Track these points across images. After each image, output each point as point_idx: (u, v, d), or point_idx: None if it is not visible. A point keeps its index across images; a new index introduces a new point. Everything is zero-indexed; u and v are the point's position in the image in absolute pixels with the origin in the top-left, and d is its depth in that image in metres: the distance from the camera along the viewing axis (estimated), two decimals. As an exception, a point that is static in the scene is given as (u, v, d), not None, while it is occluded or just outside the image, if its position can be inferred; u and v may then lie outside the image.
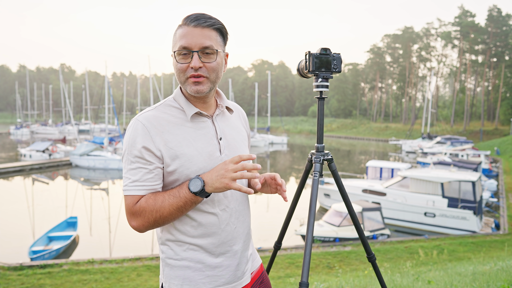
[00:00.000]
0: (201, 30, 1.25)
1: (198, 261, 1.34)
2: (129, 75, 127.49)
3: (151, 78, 39.41)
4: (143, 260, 9.63)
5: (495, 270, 4.69)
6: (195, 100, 1.35)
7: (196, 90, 1.28)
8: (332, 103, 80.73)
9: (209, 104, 1.39)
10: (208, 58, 1.27)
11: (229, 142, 1.39)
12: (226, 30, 1.33)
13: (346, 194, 1.72)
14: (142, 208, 1.25)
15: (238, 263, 1.40)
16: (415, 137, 53.96)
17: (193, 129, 1.33)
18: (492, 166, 28.10)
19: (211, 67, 1.28)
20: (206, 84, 1.29)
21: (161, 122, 1.30)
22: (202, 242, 1.33)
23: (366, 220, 12.41)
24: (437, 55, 71.07)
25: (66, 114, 72.58)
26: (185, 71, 1.28)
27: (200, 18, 1.27)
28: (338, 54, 1.60)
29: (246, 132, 1.55)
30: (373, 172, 19.38)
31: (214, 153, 1.33)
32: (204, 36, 1.25)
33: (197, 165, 1.29)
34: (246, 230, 1.45)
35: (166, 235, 1.37)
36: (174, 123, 1.31)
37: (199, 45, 1.25)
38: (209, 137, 1.34)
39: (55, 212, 15.53)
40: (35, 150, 29.31)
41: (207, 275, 1.35)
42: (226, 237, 1.36)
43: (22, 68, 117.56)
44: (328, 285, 4.58)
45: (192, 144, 1.30)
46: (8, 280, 8.19)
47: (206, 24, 1.26)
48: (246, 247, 1.45)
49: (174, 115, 1.33)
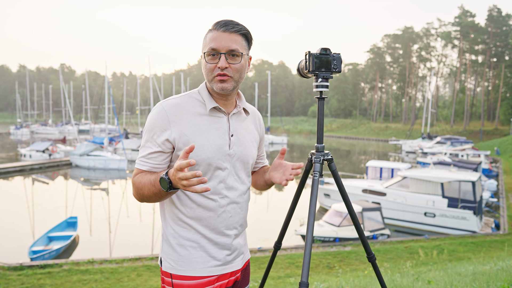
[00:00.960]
0: (229, 34, 1.40)
1: (194, 240, 1.48)
2: (129, 75, 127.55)
3: (151, 78, 39.44)
4: (143, 260, 9.63)
5: (495, 270, 4.69)
6: (217, 97, 1.49)
7: (221, 87, 1.42)
8: (332, 103, 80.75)
9: (230, 103, 1.53)
10: (234, 60, 1.42)
11: (239, 139, 1.53)
12: (251, 35, 1.48)
13: (346, 194, 1.72)
14: (134, 182, 1.45)
15: (230, 248, 1.52)
16: (415, 137, 53.98)
17: (208, 122, 1.47)
18: (492, 166, 28.11)
19: (235, 68, 1.43)
20: (230, 83, 1.43)
21: (181, 110, 1.45)
22: (198, 224, 1.47)
23: (366, 220, 12.42)
24: (437, 55, 71.12)
25: (66, 114, 72.62)
26: (213, 70, 1.42)
27: (229, 24, 1.41)
28: (338, 54, 1.60)
29: (259, 135, 1.68)
30: (373, 172, 19.39)
31: (223, 147, 1.47)
32: (231, 40, 1.40)
33: (205, 154, 1.43)
34: (241, 221, 1.57)
35: (168, 212, 1.52)
36: (193, 113, 1.46)
37: (226, 48, 1.39)
38: (221, 131, 1.48)
39: (55, 212, 15.53)
40: (35, 150, 29.32)
41: (201, 255, 1.48)
42: (221, 222, 1.49)
43: (22, 68, 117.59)
44: (328, 285, 4.58)
45: (205, 134, 1.45)
46: (8, 280, 8.19)
47: (233, 29, 1.41)
48: (239, 236, 1.58)
49: (194, 106, 1.47)
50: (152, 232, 13.47)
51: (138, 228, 14.13)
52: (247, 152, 1.55)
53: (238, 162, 1.53)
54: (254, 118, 1.66)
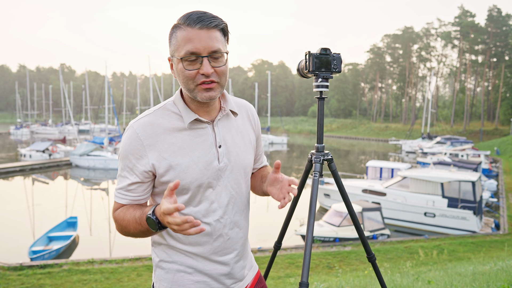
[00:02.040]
0: (207, 32, 1.15)
1: (188, 265, 1.31)
2: (129, 75, 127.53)
3: (151, 78, 39.43)
4: (143, 260, 9.63)
5: (495, 270, 4.69)
6: (197, 105, 1.27)
7: (208, 97, 1.20)
8: (332, 103, 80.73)
9: (213, 108, 1.30)
10: (218, 62, 1.19)
11: (229, 149, 1.31)
12: (227, 28, 1.24)
13: (346, 194, 1.72)
14: (116, 218, 1.27)
15: (229, 271, 1.35)
16: (415, 137, 53.95)
17: (190, 137, 1.25)
18: (492, 166, 28.10)
19: (221, 71, 1.20)
20: (218, 89, 1.21)
21: (156, 130, 1.23)
22: (193, 250, 1.30)
23: (366, 220, 12.42)
24: (437, 55, 71.11)
25: (66, 114, 72.61)
26: (194, 77, 1.18)
27: (204, 19, 1.15)
28: (338, 54, 1.60)
29: (254, 132, 1.45)
30: (373, 172, 19.38)
31: (212, 163, 1.26)
32: (211, 39, 1.16)
33: (192, 175, 1.23)
34: (241, 241, 1.39)
35: (159, 239, 1.34)
36: (170, 130, 1.24)
37: (208, 49, 1.16)
38: (207, 145, 1.27)
39: (55, 212, 15.53)
40: (35, 150, 29.32)
41: (196, 281, 1.31)
42: (218, 247, 1.31)
43: (22, 68, 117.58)
44: (328, 285, 4.58)
45: (188, 153, 1.24)
46: (8, 280, 8.19)
47: (211, 25, 1.16)
48: (241, 258, 1.40)
49: (171, 121, 1.25)
50: (152, 232, 13.45)
51: (138, 228, 14.12)
52: (241, 161, 1.34)
53: (232, 174, 1.32)
54: (244, 114, 1.42)
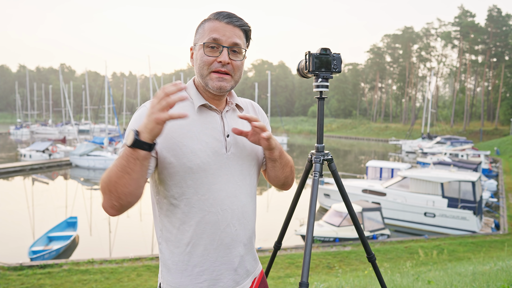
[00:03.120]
0: (232, 27, 1.26)
1: (195, 264, 1.28)
2: (129, 75, 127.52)
3: (151, 78, 39.42)
4: (143, 260, 9.63)
5: (495, 270, 4.69)
6: (208, 96, 1.32)
7: (219, 86, 1.25)
8: (332, 103, 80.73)
9: (221, 102, 1.35)
10: (236, 56, 1.27)
11: (236, 139, 1.33)
12: (251, 34, 1.34)
13: (346, 194, 1.72)
14: (101, 179, 1.16)
15: (237, 267, 1.33)
16: (415, 137, 53.95)
17: (200, 122, 1.28)
18: (492, 166, 28.10)
19: (237, 66, 1.27)
20: (230, 82, 1.27)
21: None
22: (200, 242, 1.27)
23: (366, 220, 12.41)
24: (437, 55, 71.12)
25: (66, 114, 72.58)
26: (210, 64, 1.24)
27: (233, 17, 1.27)
28: (338, 54, 1.60)
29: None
30: (373, 172, 19.38)
31: (220, 150, 1.28)
32: (235, 34, 1.26)
33: (200, 159, 1.24)
34: (248, 234, 1.37)
35: (165, 233, 1.31)
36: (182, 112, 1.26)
37: (230, 41, 1.24)
38: (216, 132, 1.29)
39: (55, 212, 15.53)
40: (35, 150, 29.31)
41: (204, 279, 1.28)
42: (225, 238, 1.29)
43: (22, 68, 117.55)
44: (328, 285, 4.58)
45: (197, 137, 1.26)
46: (8, 280, 8.19)
47: (238, 23, 1.27)
48: (248, 252, 1.38)
49: (182, 106, 1.27)
50: (152, 232, 13.46)
51: (138, 228, 14.13)
52: (248, 153, 1.36)
53: (239, 165, 1.33)
54: (250, 109, 1.47)
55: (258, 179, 1.46)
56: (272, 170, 1.45)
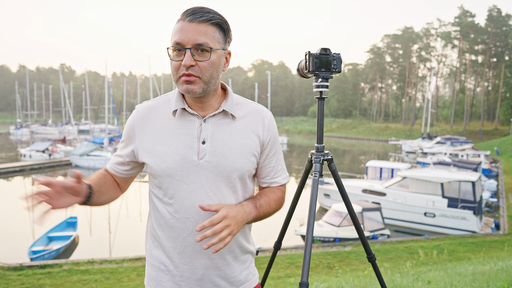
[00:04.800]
0: (196, 25, 1.16)
1: (162, 262, 1.30)
2: (129, 75, 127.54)
3: (151, 78, 39.43)
4: (143, 260, 9.62)
5: (495, 270, 4.69)
6: (191, 99, 1.27)
7: (186, 89, 1.19)
8: (332, 103, 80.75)
9: (208, 105, 1.28)
10: (202, 56, 1.18)
11: (216, 147, 1.25)
12: (227, 25, 1.23)
13: (346, 194, 1.72)
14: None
15: (200, 278, 1.28)
16: (415, 137, 53.95)
17: (176, 127, 1.26)
18: (492, 166, 28.11)
19: (203, 66, 1.18)
20: (198, 84, 1.19)
21: (150, 114, 1.29)
22: (166, 244, 1.29)
23: (366, 220, 12.41)
24: (437, 55, 71.13)
25: (66, 114, 72.58)
26: (178, 69, 1.19)
27: (197, 13, 1.17)
28: (338, 54, 1.59)
29: (260, 140, 1.32)
30: (373, 172, 19.39)
31: (190, 157, 1.23)
32: (198, 32, 1.16)
33: (165, 163, 1.23)
34: (217, 254, 1.27)
35: (149, 226, 1.38)
36: (161, 116, 1.28)
37: (192, 42, 1.16)
38: (189, 138, 1.24)
39: (55, 212, 15.52)
40: (35, 150, 29.31)
41: (169, 279, 1.30)
42: (187, 247, 1.27)
43: (22, 68, 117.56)
44: (328, 285, 4.58)
45: (167, 141, 1.25)
46: (8, 280, 8.18)
47: (202, 19, 1.17)
48: (218, 268, 1.29)
49: (166, 109, 1.29)
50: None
51: (138, 228, 14.13)
52: (227, 163, 1.25)
53: (213, 175, 1.24)
54: (253, 120, 1.32)
55: (250, 193, 1.37)
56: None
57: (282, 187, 1.44)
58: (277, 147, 1.39)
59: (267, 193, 1.39)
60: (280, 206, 1.43)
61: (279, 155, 1.40)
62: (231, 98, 1.30)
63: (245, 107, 1.33)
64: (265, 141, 1.33)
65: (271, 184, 1.41)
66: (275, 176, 1.41)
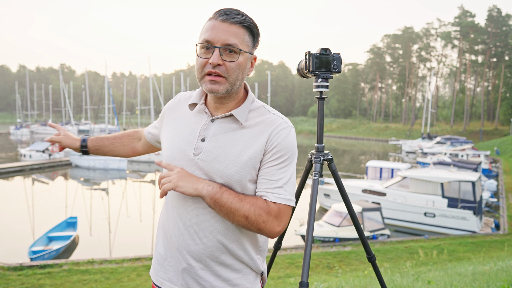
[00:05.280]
0: (228, 26, 1.17)
1: (157, 251, 1.37)
2: (129, 75, 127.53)
3: (151, 78, 39.44)
4: (143, 260, 9.62)
5: (495, 270, 4.69)
6: (211, 98, 1.29)
7: (210, 89, 1.20)
8: (332, 103, 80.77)
9: (224, 107, 1.27)
10: (230, 57, 1.18)
11: (213, 149, 1.22)
12: (257, 30, 1.24)
13: (346, 194, 1.72)
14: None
15: (182, 272, 1.27)
16: (415, 137, 53.98)
17: (188, 120, 1.31)
18: (492, 166, 28.11)
19: (230, 67, 1.18)
20: (223, 85, 1.19)
21: (181, 103, 1.38)
22: (160, 227, 1.36)
23: (366, 220, 12.41)
24: (437, 55, 71.17)
25: (66, 114, 72.58)
26: (204, 66, 1.20)
27: (230, 13, 1.18)
28: (338, 54, 1.60)
29: (261, 151, 1.23)
30: (373, 172, 19.38)
31: (186, 151, 1.25)
32: (229, 33, 1.17)
33: (167, 152, 1.32)
34: (201, 251, 1.23)
35: None
36: (185, 108, 1.35)
37: (222, 41, 1.16)
38: (192, 133, 1.27)
39: (55, 212, 15.53)
40: (35, 150, 29.30)
41: (158, 262, 1.35)
42: (172, 237, 1.28)
43: (22, 68, 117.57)
44: (328, 285, 4.58)
45: (177, 132, 1.32)
46: (8, 280, 8.18)
47: (234, 20, 1.17)
48: (204, 269, 1.25)
49: (186, 103, 1.38)
50: (152, 232, 13.46)
51: (138, 228, 14.13)
52: (218, 167, 1.21)
53: (204, 174, 1.22)
54: (262, 131, 1.24)
55: None
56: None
57: (272, 204, 1.21)
58: (283, 162, 1.23)
59: (246, 195, 1.23)
60: (258, 217, 1.18)
61: (282, 173, 1.23)
62: (247, 104, 1.27)
63: (261, 116, 1.27)
64: (266, 150, 1.23)
65: (262, 196, 1.23)
66: (267, 189, 1.22)
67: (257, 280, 1.34)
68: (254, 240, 1.30)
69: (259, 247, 1.33)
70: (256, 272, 1.34)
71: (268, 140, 1.23)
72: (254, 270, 1.33)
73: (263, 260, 1.36)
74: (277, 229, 1.21)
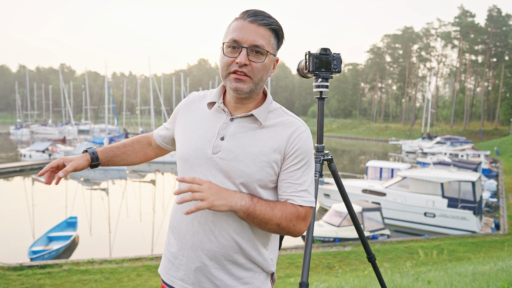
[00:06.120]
0: (256, 27, 1.20)
1: (168, 250, 1.36)
2: (129, 75, 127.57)
3: (151, 78, 39.44)
4: (143, 260, 9.62)
5: (495, 270, 4.69)
6: (230, 98, 1.29)
7: (235, 87, 1.21)
8: (332, 103, 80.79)
9: (244, 107, 1.29)
10: (256, 58, 1.21)
11: (233, 147, 1.24)
12: (282, 33, 1.27)
13: (346, 194, 1.72)
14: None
15: (195, 270, 1.27)
16: (415, 137, 54.00)
17: (206, 118, 1.32)
18: (492, 166, 28.12)
19: (256, 68, 1.21)
20: (248, 84, 1.21)
21: (196, 102, 1.38)
22: (173, 226, 1.35)
23: (366, 220, 12.41)
24: (437, 55, 71.21)
25: (66, 114, 72.57)
26: (229, 65, 1.21)
27: (259, 15, 1.21)
28: (338, 54, 1.60)
29: (282, 154, 1.25)
30: (373, 172, 19.38)
31: (204, 149, 1.25)
32: (257, 34, 1.20)
33: (185, 149, 1.30)
34: (217, 250, 1.24)
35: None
36: (201, 107, 1.36)
37: (250, 42, 1.19)
38: (211, 131, 1.28)
39: (55, 212, 15.52)
40: (35, 150, 29.30)
41: (169, 260, 1.36)
42: (186, 235, 1.28)
43: (22, 68, 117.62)
44: (328, 285, 4.58)
45: (194, 130, 1.32)
46: (8, 280, 8.18)
47: (263, 22, 1.20)
48: (219, 269, 1.26)
49: (207, 100, 1.36)
50: (152, 232, 13.46)
51: (138, 228, 14.13)
52: (238, 166, 1.22)
53: (222, 173, 1.23)
54: (281, 131, 1.27)
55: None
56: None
57: (300, 207, 1.25)
58: (304, 165, 1.27)
59: (275, 201, 1.25)
60: (289, 223, 1.22)
61: (305, 175, 1.27)
62: (266, 105, 1.30)
63: (280, 117, 1.30)
64: (287, 154, 1.25)
65: (287, 200, 1.26)
66: (293, 193, 1.25)
67: (267, 280, 1.36)
68: (265, 240, 1.33)
69: (271, 248, 1.36)
70: (267, 272, 1.35)
71: (288, 143, 1.25)
72: (265, 271, 1.34)
73: (274, 261, 1.38)
74: (304, 229, 1.28)
